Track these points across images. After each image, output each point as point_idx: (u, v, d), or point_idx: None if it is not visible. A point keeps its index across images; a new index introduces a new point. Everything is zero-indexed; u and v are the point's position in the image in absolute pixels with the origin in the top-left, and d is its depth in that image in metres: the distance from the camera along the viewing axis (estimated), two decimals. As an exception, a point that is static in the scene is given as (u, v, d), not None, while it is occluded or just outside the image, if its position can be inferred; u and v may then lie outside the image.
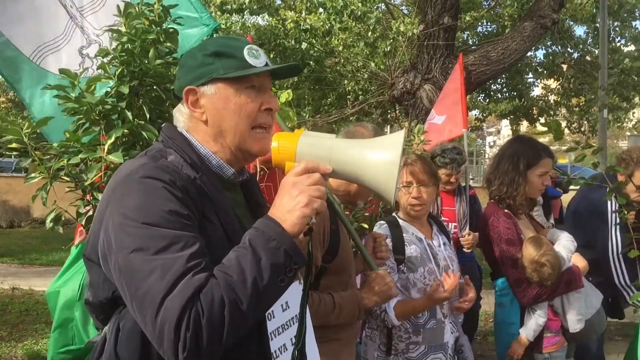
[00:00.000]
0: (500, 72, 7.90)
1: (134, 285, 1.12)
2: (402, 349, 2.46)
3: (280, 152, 1.28)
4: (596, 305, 2.84)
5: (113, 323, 1.26)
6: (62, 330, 2.15)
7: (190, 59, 1.38)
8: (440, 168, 4.06)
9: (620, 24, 11.92)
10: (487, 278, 6.98)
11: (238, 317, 1.11)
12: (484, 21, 12.04)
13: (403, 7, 11.54)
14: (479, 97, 13.70)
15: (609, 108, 12.12)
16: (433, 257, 2.54)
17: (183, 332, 1.07)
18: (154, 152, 1.31)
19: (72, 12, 2.89)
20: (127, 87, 1.93)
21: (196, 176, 1.27)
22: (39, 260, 9.26)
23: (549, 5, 7.16)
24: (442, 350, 2.49)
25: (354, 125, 2.23)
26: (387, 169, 1.25)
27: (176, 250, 1.12)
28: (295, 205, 1.19)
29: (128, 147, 1.98)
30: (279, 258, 1.15)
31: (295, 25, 8.46)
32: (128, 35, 2.00)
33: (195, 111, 1.35)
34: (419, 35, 7.31)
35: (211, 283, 1.11)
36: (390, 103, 8.74)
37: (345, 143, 1.34)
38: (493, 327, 6.48)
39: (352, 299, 2.05)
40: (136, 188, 1.19)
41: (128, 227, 1.15)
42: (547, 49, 12.15)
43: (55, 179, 1.95)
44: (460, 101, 4.91)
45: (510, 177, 2.79)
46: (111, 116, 1.99)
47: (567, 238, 2.83)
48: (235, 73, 1.32)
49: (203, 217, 1.24)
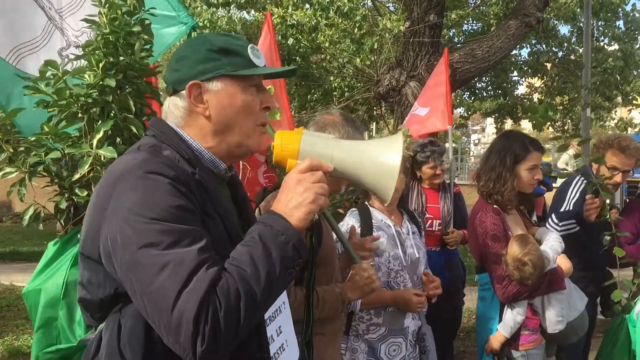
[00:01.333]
0: (485, 70, 7.95)
1: (146, 281, 1.11)
2: (363, 330, 2.54)
3: (284, 150, 1.32)
4: (580, 307, 2.85)
5: (112, 320, 1.24)
6: (45, 330, 2.10)
7: (193, 52, 1.36)
8: (423, 164, 4.10)
9: (604, 24, 12.05)
10: (470, 275, 7.05)
11: (253, 309, 1.14)
12: (470, 19, 12.10)
13: (389, 4, 11.55)
14: (464, 95, 13.78)
15: (592, 107, 12.27)
16: (400, 244, 2.64)
17: (202, 326, 1.08)
18: (148, 147, 1.31)
19: (51, 13, 2.85)
20: (113, 80, 1.90)
21: (194, 171, 1.28)
22: (21, 255, 9.14)
23: (533, 4, 7.21)
24: (402, 335, 2.59)
25: (320, 114, 2.23)
26: (388, 171, 1.30)
27: (186, 245, 1.13)
28: (302, 201, 1.23)
29: (111, 142, 1.95)
30: (288, 252, 1.18)
31: (282, 21, 8.42)
32: (111, 27, 1.96)
33: (198, 106, 1.34)
34: (405, 33, 7.32)
35: (225, 276, 1.13)
36: (375, 100, 8.75)
37: (347, 143, 1.40)
38: (475, 324, 6.53)
39: (335, 292, 2.07)
40: (141, 184, 1.18)
41: (135, 222, 1.14)
42: (531, 47, 12.25)
43: (33, 175, 1.91)
44: (445, 96, 4.93)
45: (498, 173, 2.80)
46: (92, 109, 1.95)
47: (555, 239, 2.84)
48: (244, 71, 1.33)
49: (204, 212, 1.25)
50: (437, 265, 4.14)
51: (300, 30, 8.58)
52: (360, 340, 2.53)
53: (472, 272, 8.73)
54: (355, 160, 1.32)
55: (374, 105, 10.34)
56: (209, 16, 8.57)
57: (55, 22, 2.84)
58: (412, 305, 2.55)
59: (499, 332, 2.74)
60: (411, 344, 2.63)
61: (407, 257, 2.65)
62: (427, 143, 4.17)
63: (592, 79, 11.01)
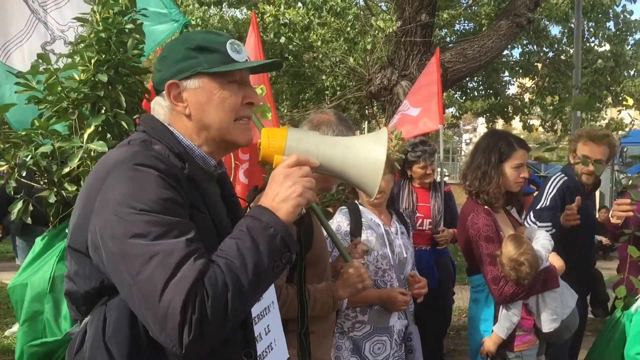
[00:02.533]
0: (476, 69, 7.98)
1: (134, 270, 1.12)
2: (348, 327, 2.55)
3: (270, 147, 1.34)
4: (571, 304, 2.85)
5: (97, 314, 1.25)
6: (31, 324, 2.11)
7: (172, 52, 1.37)
8: (414, 163, 4.14)
9: (594, 25, 12.13)
10: (461, 274, 7.08)
11: (240, 301, 1.14)
12: (462, 19, 12.14)
13: (382, 4, 11.57)
14: (456, 94, 13.83)
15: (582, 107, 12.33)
16: (389, 243, 2.67)
17: (189, 316, 1.08)
18: (139, 142, 1.31)
19: (34, 6, 2.82)
20: (105, 76, 1.90)
21: (184, 166, 1.29)
22: (10, 253, 9.06)
23: (524, 4, 7.25)
24: (387, 334, 2.60)
25: (314, 113, 2.26)
26: (373, 166, 1.32)
27: (175, 236, 1.14)
28: (290, 194, 1.24)
29: (101, 138, 1.95)
30: (276, 245, 1.19)
31: (274, 20, 8.41)
32: (104, 24, 1.96)
33: (178, 105, 1.35)
34: (397, 32, 7.34)
35: (213, 267, 1.14)
36: (367, 99, 8.76)
37: (332, 139, 1.43)
38: (466, 323, 6.57)
39: (326, 290, 2.07)
40: (131, 176, 1.19)
41: (124, 214, 1.15)
42: (523, 47, 12.31)
43: (23, 168, 1.91)
44: (437, 95, 4.95)
45: (483, 171, 2.79)
46: (83, 105, 1.96)
47: (545, 237, 2.83)
48: (220, 68, 1.33)
49: (192, 206, 1.26)
50: (428, 264, 4.16)
51: (292, 29, 8.57)
52: (345, 337, 2.54)
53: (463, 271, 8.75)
54: (340, 156, 1.34)
55: (366, 104, 10.36)
56: (200, 14, 8.55)
57: (39, 15, 2.81)
58: (397, 304, 2.57)
59: (494, 333, 2.72)
60: (396, 343, 2.64)
61: (394, 256, 2.67)
62: (418, 143, 4.19)
63: (583, 80, 11.08)
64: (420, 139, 4.34)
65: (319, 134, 1.40)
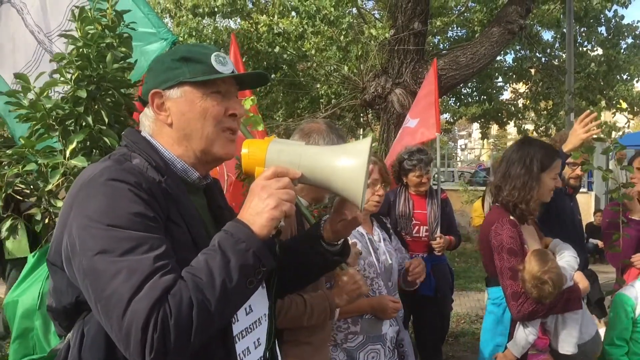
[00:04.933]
0: (470, 76, 8.02)
1: (99, 287, 1.11)
2: (341, 339, 2.53)
3: (250, 158, 1.32)
4: (591, 331, 2.73)
5: (77, 329, 1.24)
6: (22, 341, 2.10)
7: (158, 63, 1.39)
8: (410, 172, 4.14)
9: (587, 30, 12.21)
10: (458, 280, 7.03)
11: (206, 319, 1.12)
12: (455, 26, 12.20)
13: (375, 12, 11.63)
14: (450, 100, 13.88)
15: (576, 111, 12.39)
16: (374, 251, 2.66)
17: (150, 334, 1.07)
18: (117, 156, 1.31)
19: (40, 37, 2.88)
20: (84, 92, 1.90)
21: (161, 179, 1.28)
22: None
23: (516, 11, 7.31)
24: (380, 342, 2.58)
25: (306, 122, 2.26)
26: (354, 175, 1.28)
27: (142, 252, 1.12)
28: (264, 207, 1.21)
29: (86, 153, 1.95)
30: (248, 260, 1.17)
31: (268, 29, 8.45)
32: (84, 40, 1.97)
33: (160, 114, 1.36)
34: (390, 40, 7.37)
35: (179, 284, 1.11)
36: (362, 107, 8.78)
37: (314, 149, 1.38)
38: (465, 329, 6.54)
39: (323, 298, 2.06)
40: (101, 190, 1.18)
41: (93, 229, 1.14)
42: (516, 53, 12.38)
43: (10, 187, 1.91)
44: (434, 105, 4.97)
45: (523, 181, 2.66)
46: (67, 122, 1.96)
47: (570, 254, 2.70)
48: (201, 77, 1.33)
49: (169, 219, 1.24)
50: (424, 271, 4.16)
51: (286, 38, 8.60)
52: (338, 349, 2.51)
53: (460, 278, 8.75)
54: (322, 166, 1.31)
55: (361, 112, 10.38)
56: (194, 25, 8.57)
57: (45, 45, 2.87)
58: (389, 311, 2.55)
59: (508, 350, 2.62)
60: (390, 349, 2.63)
61: (380, 264, 2.66)
62: (414, 151, 4.19)
63: (575, 84, 11.13)
64: (417, 147, 4.34)
65: (302, 144, 1.37)
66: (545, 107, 13.46)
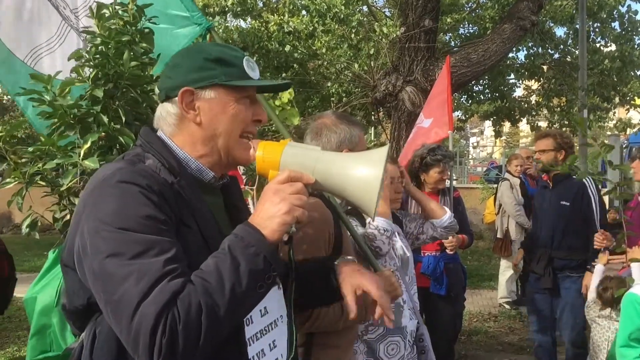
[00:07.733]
0: (481, 73, 7.97)
1: (109, 290, 1.11)
2: (362, 330, 2.51)
3: (265, 161, 1.30)
4: None
5: (89, 330, 1.25)
6: (39, 337, 2.13)
7: (188, 60, 1.38)
8: (432, 167, 4.09)
9: (600, 25, 12.08)
10: (471, 279, 7.00)
11: (215, 323, 1.11)
12: (466, 23, 12.13)
13: (385, 10, 11.60)
14: (462, 98, 13.80)
15: (590, 108, 12.27)
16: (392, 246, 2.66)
17: (159, 338, 1.06)
18: (131, 157, 1.31)
19: (65, 13, 2.83)
20: (101, 91, 1.91)
21: (174, 181, 1.27)
22: (21, 266, 9.11)
23: (527, 7, 7.25)
24: (400, 334, 2.56)
25: (313, 120, 2.23)
26: (369, 185, 1.27)
27: (152, 256, 1.12)
28: (276, 212, 1.20)
29: (104, 152, 1.96)
30: (258, 264, 1.15)
31: (279, 28, 8.45)
32: (102, 37, 1.98)
33: (189, 112, 1.35)
34: (400, 38, 7.35)
35: (188, 288, 1.11)
36: (373, 105, 8.77)
37: (330, 156, 1.37)
38: (477, 327, 6.51)
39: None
40: (112, 192, 1.18)
41: (103, 231, 1.14)
42: (528, 50, 12.28)
43: (31, 184, 1.93)
44: (447, 103, 4.96)
45: None
46: (86, 120, 1.97)
47: None
48: (238, 82, 1.35)
49: (180, 222, 1.24)
50: (437, 270, 4.14)
51: (297, 36, 8.60)
52: (358, 341, 2.52)
53: (473, 276, 8.71)
54: (336, 174, 1.29)
55: (372, 111, 10.36)
56: (205, 24, 8.60)
57: (71, 22, 2.81)
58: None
59: None
60: (409, 343, 2.63)
61: (397, 256, 2.67)
62: (436, 147, 4.17)
63: (589, 80, 11.02)
64: (436, 144, 4.33)
65: (318, 149, 1.36)
66: (558, 103, 13.34)
